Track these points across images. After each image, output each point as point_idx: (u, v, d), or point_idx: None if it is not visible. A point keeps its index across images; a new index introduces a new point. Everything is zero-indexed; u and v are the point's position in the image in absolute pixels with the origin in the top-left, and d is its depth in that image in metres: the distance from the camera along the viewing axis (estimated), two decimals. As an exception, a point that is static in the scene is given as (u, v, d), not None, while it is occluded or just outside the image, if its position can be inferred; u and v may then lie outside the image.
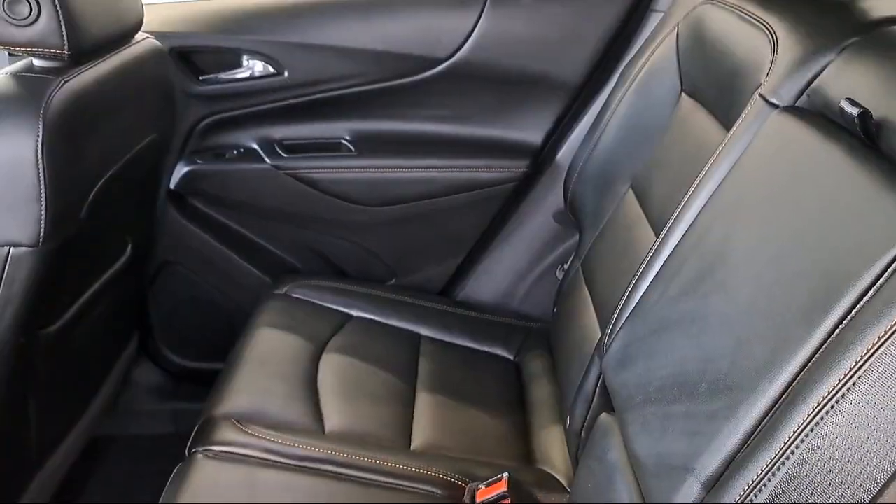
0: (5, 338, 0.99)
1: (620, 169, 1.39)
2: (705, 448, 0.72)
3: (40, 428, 1.19)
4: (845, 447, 0.59)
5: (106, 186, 1.11)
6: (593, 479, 0.94)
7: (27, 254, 0.96)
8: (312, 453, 1.12)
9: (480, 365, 1.48)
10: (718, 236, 0.86)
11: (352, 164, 1.61)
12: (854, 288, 0.64)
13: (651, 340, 0.90)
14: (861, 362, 0.60)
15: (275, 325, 1.40)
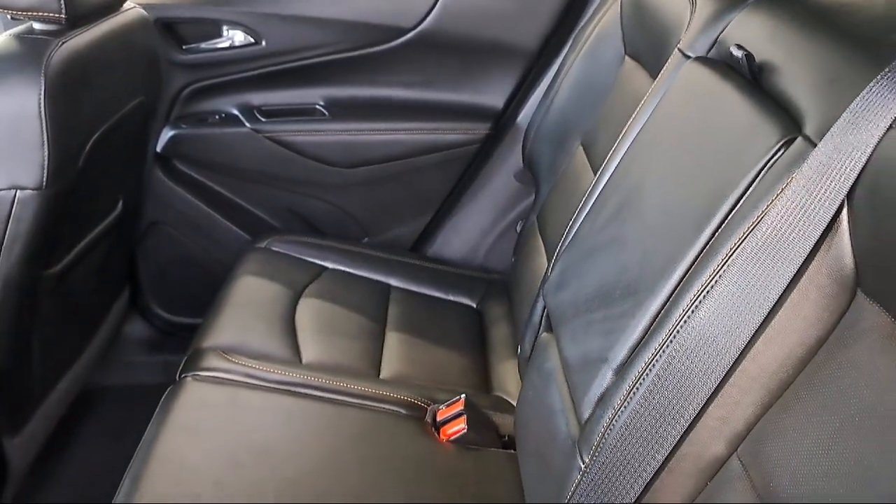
0: (13, 273, 1.11)
1: (572, 127, 1.52)
2: (616, 341, 0.86)
3: (42, 363, 1.31)
4: (716, 324, 0.73)
5: (99, 142, 1.23)
6: (533, 388, 1.07)
7: (32, 196, 1.08)
8: (290, 378, 1.25)
9: (445, 311, 1.61)
10: (636, 172, 1.00)
11: (326, 127, 1.73)
12: (730, 198, 0.78)
13: (581, 264, 1.04)
14: (728, 255, 0.73)
15: (256, 273, 1.52)
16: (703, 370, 0.73)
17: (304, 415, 1.19)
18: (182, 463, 1.04)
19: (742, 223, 0.74)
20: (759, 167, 0.76)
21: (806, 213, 0.67)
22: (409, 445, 1.17)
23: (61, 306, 1.34)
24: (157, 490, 0.99)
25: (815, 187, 0.67)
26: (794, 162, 0.71)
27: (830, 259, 0.67)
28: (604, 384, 0.86)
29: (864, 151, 0.64)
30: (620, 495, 0.78)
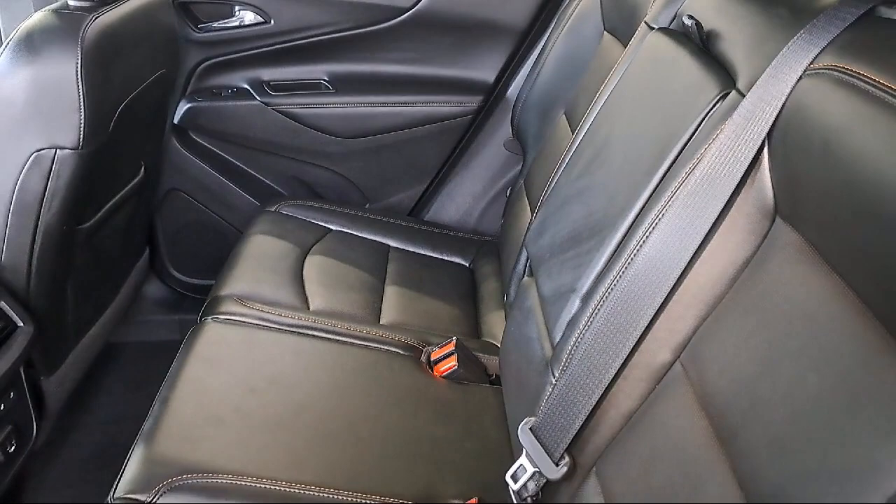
0: (52, 225, 1.25)
1: (556, 98, 1.65)
2: (583, 273, 0.99)
3: (75, 310, 1.45)
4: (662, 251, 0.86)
5: (126, 109, 1.36)
6: (515, 324, 1.21)
7: (69, 156, 1.21)
8: (299, 322, 1.39)
9: (440, 269, 1.75)
10: (605, 130, 1.13)
11: (330, 100, 1.86)
12: (676, 146, 0.91)
13: (557, 213, 1.17)
14: (672, 194, 0.87)
15: (268, 233, 1.66)
16: (653, 290, 0.86)
17: (312, 352, 1.32)
18: (205, 389, 1.18)
19: (684, 166, 0.87)
20: (699, 119, 0.89)
21: (734, 154, 0.80)
22: (406, 379, 1.31)
23: (92, 260, 1.47)
24: (183, 411, 1.13)
25: (741, 132, 0.80)
26: (727, 112, 0.85)
27: (754, 192, 0.80)
28: (572, 311, 1.00)
29: (779, 100, 0.77)
30: (584, 401, 0.92)
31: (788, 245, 0.75)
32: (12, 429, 1.24)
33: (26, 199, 1.21)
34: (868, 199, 0.62)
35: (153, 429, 1.09)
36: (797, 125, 0.75)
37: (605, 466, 0.89)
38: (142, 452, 1.05)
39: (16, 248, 1.23)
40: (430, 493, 1.07)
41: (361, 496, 1.03)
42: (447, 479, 1.10)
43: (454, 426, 1.23)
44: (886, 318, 0.59)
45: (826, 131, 0.69)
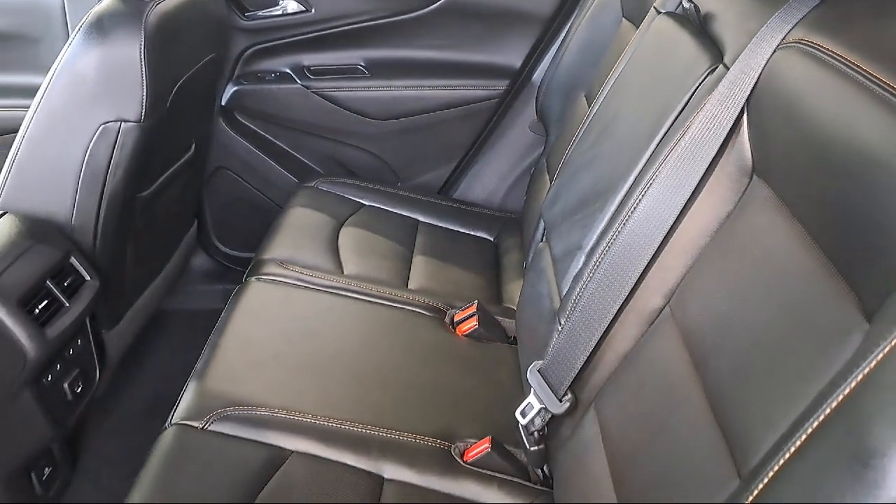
0: (116, 191, 1.39)
1: (577, 82, 1.75)
2: (588, 232, 1.10)
3: (133, 271, 1.60)
4: (655, 209, 0.97)
5: (182, 88, 1.50)
6: (530, 283, 1.32)
7: (132, 128, 1.35)
8: (334, 283, 1.51)
9: (466, 241, 1.87)
10: (614, 105, 1.24)
11: (365, 84, 1.99)
12: (671, 116, 1.02)
13: (569, 182, 1.28)
14: (665, 158, 0.97)
15: (307, 206, 1.79)
16: (646, 243, 0.97)
17: (345, 310, 1.45)
18: (249, 337, 1.32)
19: (676, 133, 0.97)
20: (691, 91, 0.99)
21: (718, 120, 0.91)
22: (430, 336, 1.43)
23: (148, 227, 1.62)
24: (230, 355, 1.27)
25: (724, 101, 0.90)
26: (714, 84, 0.95)
27: (735, 154, 0.90)
28: (578, 266, 1.10)
29: (756, 71, 0.87)
30: (585, 345, 1.03)
31: (762, 199, 0.85)
32: (79, 372, 1.39)
33: (94, 167, 1.36)
34: (823, 153, 0.72)
35: (204, 369, 1.22)
36: (769, 93, 0.85)
37: (601, 401, 1.00)
38: (194, 388, 1.18)
39: (84, 210, 1.38)
40: (448, 432, 1.18)
41: (387, 431, 1.16)
42: (464, 421, 1.22)
43: (473, 377, 1.34)
44: (834, 255, 0.69)
45: (790, 97, 0.80)
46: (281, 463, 1.08)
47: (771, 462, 0.55)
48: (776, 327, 0.71)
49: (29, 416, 1.27)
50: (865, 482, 0.46)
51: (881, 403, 0.48)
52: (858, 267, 0.63)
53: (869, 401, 0.49)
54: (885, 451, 0.46)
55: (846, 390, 0.52)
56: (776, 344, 0.69)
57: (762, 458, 0.57)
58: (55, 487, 1.50)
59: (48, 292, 1.29)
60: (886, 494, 0.45)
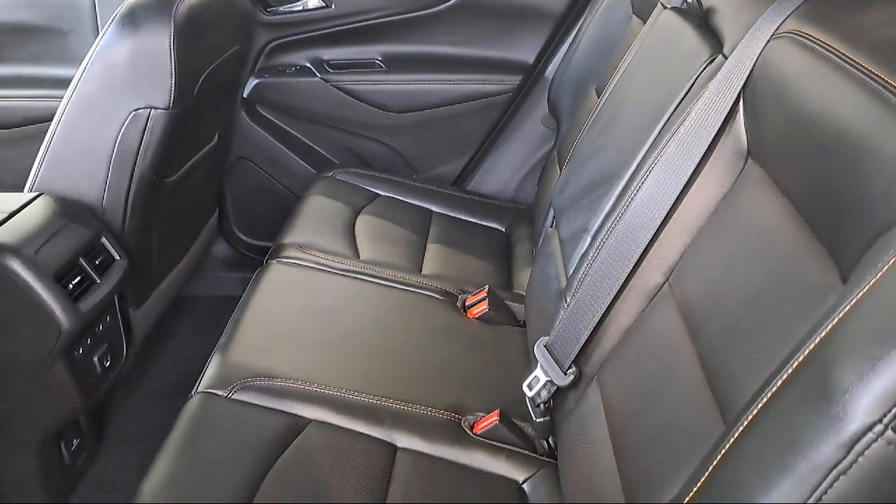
0: (145, 175, 1.46)
1: (589, 76, 1.80)
2: (594, 214, 1.16)
3: (159, 253, 1.67)
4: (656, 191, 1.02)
5: (208, 78, 1.56)
6: (539, 266, 1.38)
7: (161, 115, 1.42)
8: (350, 267, 1.58)
9: (478, 231, 1.92)
10: (620, 96, 1.29)
11: (382, 78, 2.05)
12: (672, 105, 1.07)
13: (578, 169, 1.34)
14: (666, 143, 1.03)
15: (324, 195, 1.86)
16: (648, 224, 1.02)
17: (361, 292, 1.52)
18: (270, 315, 1.38)
19: (677, 120, 1.03)
20: (692, 80, 1.05)
21: (716, 107, 0.96)
22: (442, 318, 1.49)
23: (173, 212, 1.69)
24: (252, 330, 1.33)
25: (722, 88, 0.96)
26: (713, 73, 1.00)
27: (731, 138, 0.96)
28: (584, 247, 1.16)
29: (752, 60, 0.92)
30: (589, 320, 1.08)
31: (755, 180, 0.90)
32: (108, 347, 1.46)
33: (125, 152, 1.43)
34: (810, 133, 0.78)
35: (228, 342, 1.29)
36: (763, 80, 0.90)
37: (603, 373, 1.05)
38: (218, 359, 1.25)
39: (115, 193, 1.45)
40: (458, 405, 1.24)
41: (400, 403, 1.21)
42: (474, 396, 1.28)
43: (483, 356, 1.40)
44: (817, 226, 0.74)
45: (782, 83, 0.85)
46: (300, 430, 1.14)
47: (750, 408, 0.61)
48: (763, 293, 0.76)
49: (61, 387, 1.34)
50: (830, 416, 0.51)
51: (846, 350, 0.54)
52: (838, 235, 0.68)
53: (836, 348, 0.55)
54: (847, 389, 0.51)
55: (817, 340, 0.57)
56: (762, 307, 0.75)
57: (743, 406, 0.63)
58: (82, 458, 1.57)
59: (81, 269, 1.35)
60: (848, 427, 0.50)
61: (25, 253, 1.25)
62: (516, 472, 1.16)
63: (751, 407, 0.61)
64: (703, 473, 0.63)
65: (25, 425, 1.36)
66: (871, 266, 0.57)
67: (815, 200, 0.75)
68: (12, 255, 1.24)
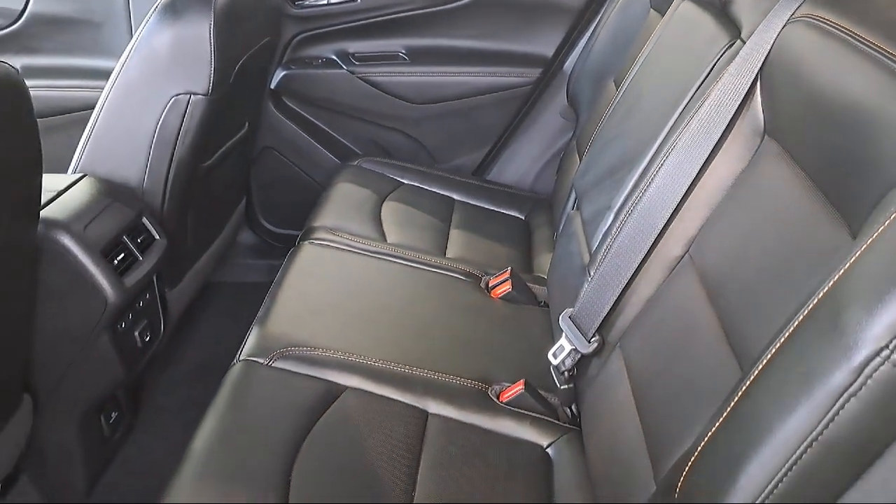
0: (184, 158, 1.53)
1: (607, 69, 1.86)
2: (616, 193, 1.22)
3: (193, 235, 1.74)
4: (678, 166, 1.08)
5: (242, 67, 1.63)
6: (561, 246, 1.44)
7: (200, 100, 1.49)
8: (379, 249, 1.64)
9: (498, 219, 1.99)
10: (640, 84, 1.36)
11: (406, 70, 2.12)
12: (693, 87, 1.13)
13: (599, 154, 1.40)
14: (687, 123, 1.09)
15: (351, 182, 1.92)
16: (669, 198, 1.08)
17: (389, 272, 1.58)
18: (305, 290, 1.45)
19: (697, 102, 1.09)
20: (711, 64, 1.11)
21: (734, 88, 1.02)
22: (468, 296, 1.55)
23: (206, 197, 1.76)
24: (289, 304, 1.40)
25: (740, 71, 1.02)
26: (732, 57, 1.06)
27: (749, 117, 1.02)
28: (607, 223, 1.22)
29: (769, 43, 0.98)
30: (613, 291, 1.14)
31: (772, 154, 0.96)
32: (147, 323, 1.53)
33: (165, 136, 1.49)
34: (823, 108, 0.84)
35: (266, 315, 1.36)
36: (780, 61, 0.96)
37: (626, 340, 1.11)
38: (258, 331, 1.31)
39: (155, 175, 1.52)
40: (486, 376, 1.30)
41: (430, 372, 1.28)
42: (500, 367, 1.34)
43: (507, 332, 1.46)
44: (829, 191, 0.80)
45: (798, 63, 0.91)
46: (336, 396, 1.20)
47: (769, 348, 0.67)
48: (778, 255, 0.82)
49: (105, 359, 1.41)
50: (842, 346, 0.57)
51: (856, 289, 0.60)
52: (849, 197, 0.74)
53: (847, 289, 0.61)
54: (857, 322, 0.57)
55: (829, 284, 0.63)
56: (778, 268, 0.81)
57: (760, 351, 0.69)
58: (120, 431, 1.64)
59: (124, 247, 1.42)
60: (858, 354, 0.56)
61: (74, 229, 1.32)
62: (541, 437, 1.22)
63: (769, 348, 0.66)
64: (724, 410, 0.69)
65: (71, 396, 1.42)
66: (880, 217, 0.63)
67: (827, 168, 0.81)
68: (63, 230, 1.31)
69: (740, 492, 0.62)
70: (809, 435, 0.59)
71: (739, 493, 0.63)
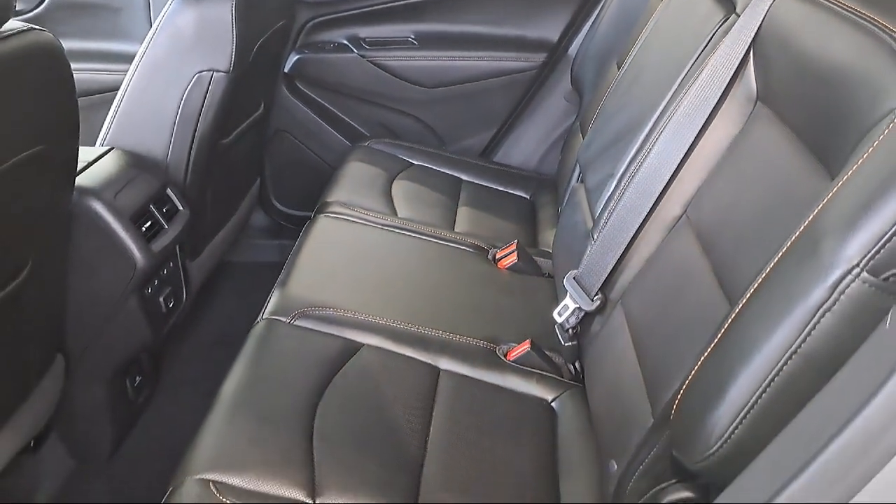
0: (206, 134, 1.60)
1: (611, 51, 1.93)
2: (618, 162, 1.29)
3: (212, 210, 1.81)
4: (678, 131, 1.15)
5: (260, 47, 1.71)
6: (565, 216, 1.52)
7: (222, 77, 1.56)
8: (390, 223, 1.71)
9: (504, 197, 2.06)
10: (641, 58, 1.43)
11: (415, 54, 2.20)
12: (692, 58, 1.20)
13: (603, 127, 1.47)
14: (685, 92, 1.16)
15: (363, 161, 2.00)
16: (668, 163, 1.16)
17: (401, 243, 1.65)
18: (322, 257, 1.52)
19: (695, 72, 1.16)
20: (708, 37, 1.18)
21: (729, 58, 1.09)
22: (475, 267, 1.62)
23: (225, 173, 1.83)
24: (307, 269, 1.47)
25: (735, 42, 1.09)
26: (727, 30, 1.13)
27: (742, 85, 1.09)
28: (610, 190, 1.29)
29: (761, 15, 1.05)
30: (615, 252, 1.21)
31: (763, 118, 1.03)
32: (171, 290, 1.61)
33: (189, 112, 1.57)
34: (809, 70, 0.91)
35: (286, 279, 1.43)
36: (771, 32, 1.03)
37: (627, 297, 1.18)
38: (280, 292, 1.39)
39: (178, 149, 1.59)
40: (494, 336, 1.38)
41: (442, 333, 1.35)
42: (508, 328, 1.41)
43: (514, 298, 1.54)
44: (813, 145, 0.87)
45: (787, 32, 0.98)
46: (354, 352, 1.27)
47: (753, 282, 0.74)
48: (767, 206, 0.90)
49: (133, 321, 1.49)
50: (819, 268, 0.65)
51: (833, 220, 0.67)
52: (830, 148, 0.81)
53: (824, 221, 0.68)
54: (833, 246, 0.64)
55: (809, 218, 0.70)
56: (767, 217, 0.88)
57: (747, 285, 0.76)
58: (143, 395, 1.72)
59: (151, 215, 1.50)
60: (834, 273, 0.63)
61: (106, 196, 1.40)
62: (546, 392, 1.29)
63: (753, 282, 0.74)
64: (715, 337, 0.76)
65: (100, 357, 1.50)
66: (855, 159, 0.70)
67: (814, 125, 0.88)
68: (95, 197, 1.38)
69: (729, 405, 0.70)
70: (790, 348, 0.66)
71: (728, 406, 0.70)
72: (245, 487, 0.97)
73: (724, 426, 0.69)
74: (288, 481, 0.99)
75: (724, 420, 0.70)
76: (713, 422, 0.71)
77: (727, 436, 0.69)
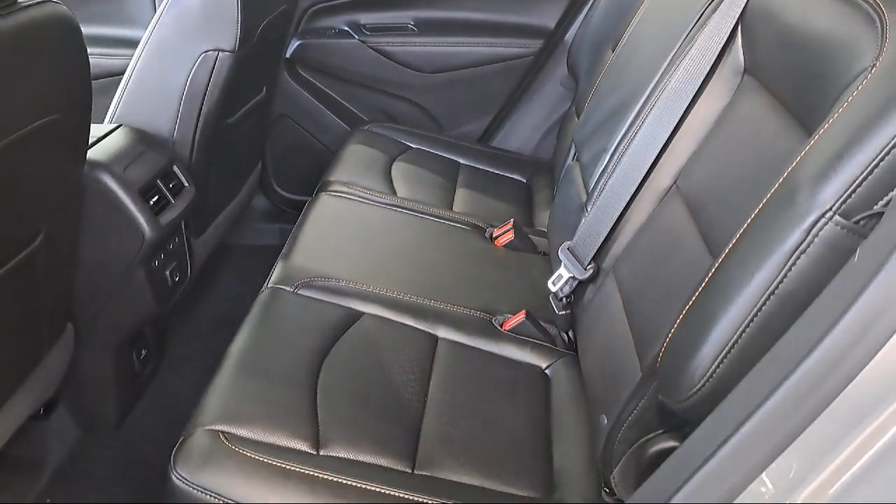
0: (211, 112, 1.64)
1: (606, 37, 1.97)
2: (611, 135, 1.34)
3: (215, 189, 1.85)
4: (669, 103, 1.20)
5: (263, 29, 1.75)
6: (561, 192, 1.56)
7: (227, 57, 1.60)
8: (390, 202, 1.76)
9: (502, 181, 2.10)
10: (635, 39, 1.47)
11: (414, 40, 2.24)
12: (683, 34, 1.25)
13: (597, 107, 1.52)
14: (676, 66, 1.21)
15: (363, 144, 2.04)
16: (659, 136, 1.20)
17: (400, 220, 1.70)
18: (324, 233, 1.57)
19: (686, 48, 1.21)
20: (698, 16, 1.23)
21: (718, 34, 1.14)
22: (473, 244, 1.67)
23: (228, 153, 1.87)
24: (310, 243, 1.52)
25: (722, 18, 1.14)
26: (717, 6, 1.18)
27: (731, 59, 1.13)
28: (603, 164, 1.34)
29: (748, -8, 1.10)
30: (607, 222, 1.26)
31: (751, 89, 1.08)
32: (176, 265, 1.65)
33: (195, 90, 1.61)
34: (793, 41, 0.96)
35: (290, 251, 1.48)
36: (757, 6, 1.08)
37: (619, 265, 1.23)
38: (283, 264, 1.44)
39: (184, 127, 1.63)
40: (490, 308, 1.42)
41: (440, 303, 1.40)
42: (504, 300, 1.46)
43: (510, 272, 1.59)
44: (797, 112, 0.92)
45: (772, 7, 1.03)
46: (355, 319, 1.32)
47: (734, 235, 0.79)
48: (752, 171, 0.94)
49: (140, 293, 1.53)
50: (795, 214, 0.69)
51: (808, 170, 0.72)
52: (812, 113, 0.86)
53: (800, 172, 0.73)
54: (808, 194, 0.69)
55: (787, 172, 0.75)
56: (752, 180, 0.93)
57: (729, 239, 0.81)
58: (149, 368, 1.76)
59: (158, 190, 1.54)
60: (808, 217, 0.68)
61: (115, 170, 1.44)
62: (540, 360, 1.34)
63: (734, 236, 0.79)
64: (698, 290, 0.81)
65: (108, 327, 1.54)
66: (830, 115, 0.75)
67: (796, 91, 0.93)
68: (105, 170, 1.42)
69: (711, 345, 0.75)
70: (768, 289, 0.71)
71: (711, 347, 0.75)
72: (252, 438, 1.01)
73: (707, 365, 0.74)
74: (293, 434, 1.03)
75: (707, 359, 0.74)
76: (696, 362, 0.75)
77: (710, 373, 0.74)
